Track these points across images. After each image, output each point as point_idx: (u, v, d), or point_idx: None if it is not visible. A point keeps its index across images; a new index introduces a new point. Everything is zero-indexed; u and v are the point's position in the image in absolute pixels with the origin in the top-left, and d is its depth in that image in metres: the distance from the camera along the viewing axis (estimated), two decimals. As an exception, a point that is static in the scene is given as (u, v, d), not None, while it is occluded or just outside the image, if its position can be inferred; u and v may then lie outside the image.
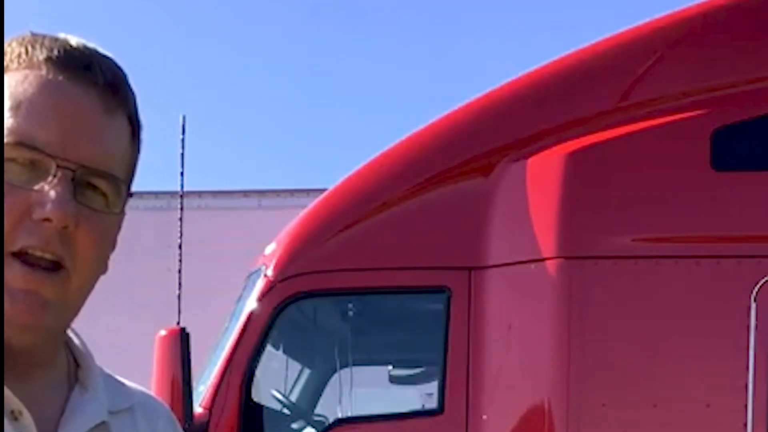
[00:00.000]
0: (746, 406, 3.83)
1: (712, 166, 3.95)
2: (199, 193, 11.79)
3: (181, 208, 4.33)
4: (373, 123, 22.95)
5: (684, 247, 3.94)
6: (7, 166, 1.03)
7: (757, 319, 3.83)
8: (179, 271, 4.34)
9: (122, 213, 1.13)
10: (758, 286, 3.84)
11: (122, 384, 1.25)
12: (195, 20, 23.86)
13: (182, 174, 4.34)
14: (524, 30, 22.97)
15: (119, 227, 1.14)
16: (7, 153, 1.03)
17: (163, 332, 4.11)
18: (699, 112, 4.03)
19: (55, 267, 1.05)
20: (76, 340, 1.19)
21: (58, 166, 1.03)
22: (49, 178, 1.03)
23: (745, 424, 3.83)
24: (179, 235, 4.34)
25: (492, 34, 23.27)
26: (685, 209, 3.97)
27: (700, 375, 3.90)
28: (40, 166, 1.04)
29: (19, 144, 1.03)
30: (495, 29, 23.39)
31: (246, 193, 13.52)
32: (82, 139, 1.05)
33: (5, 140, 1.03)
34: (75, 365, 1.18)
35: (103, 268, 1.13)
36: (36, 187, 1.03)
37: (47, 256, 1.04)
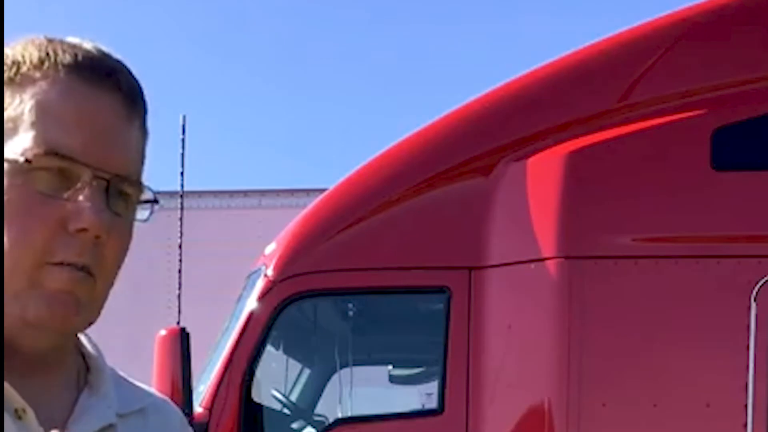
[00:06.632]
0: (746, 406, 3.83)
1: (712, 166, 3.95)
2: (199, 193, 11.78)
3: (181, 208, 4.33)
4: (373, 123, 22.97)
5: (684, 247, 3.94)
6: (35, 175, 1.02)
7: (757, 319, 3.83)
8: (179, 271, 4.34)
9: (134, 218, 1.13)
10: (758, 286, 3.84)
11: (134, 386, 1.24)
12: (195, 20, 23.88)
13: (182, 174, 4.34)
14: (524, 30, 22.99)
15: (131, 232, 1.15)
16: (37, 162, 1.02)
17: (163, 332, 4.11)
18: (699, 112, 4.03)
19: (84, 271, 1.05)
20: (86, 343, 1.19)
21: (95, 176, 1.03)
22: (79, 186, 1.03)
23: (745, 424, 3.83)
24: (179, 235, 4.34)
25: (492, 34, 23.29)
26: (685, 209, 3.97)
27: (700, 375, 3.90)
28: (69, 174, 1.03)
29: (51, 153, 1.02)
30: (496, 29, 23.40)
31: (246, 193, 13.51)
32: (112, 147, 1.05)
33: (33, 150, 1.02)
34: (85, 367, 1.17)
35: (118, 273, 1.13)
36: (66, 196, 1.03)
37: (79, 263, 1.04)
